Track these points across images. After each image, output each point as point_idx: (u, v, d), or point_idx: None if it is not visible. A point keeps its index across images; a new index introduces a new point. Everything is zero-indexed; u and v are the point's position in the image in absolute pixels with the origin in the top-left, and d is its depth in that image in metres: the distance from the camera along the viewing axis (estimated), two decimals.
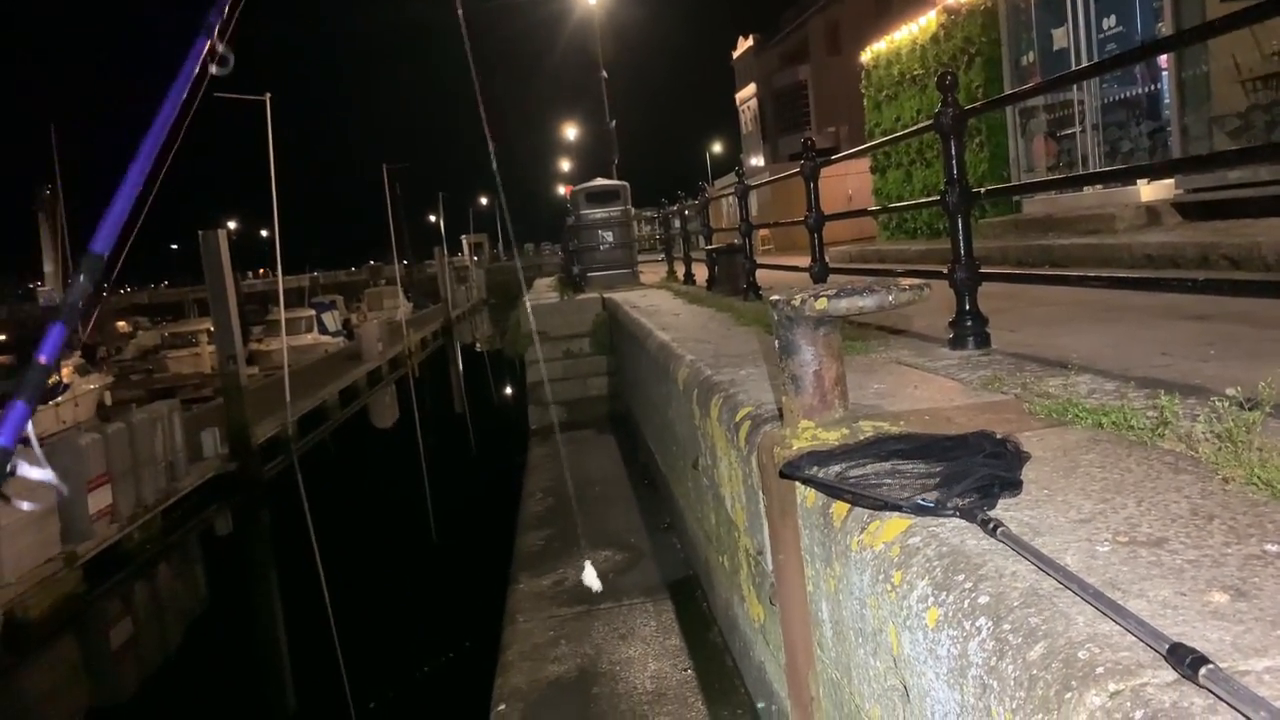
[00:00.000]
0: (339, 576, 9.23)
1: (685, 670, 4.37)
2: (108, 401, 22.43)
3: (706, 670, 4.32)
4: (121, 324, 47.58)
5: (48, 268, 37.23)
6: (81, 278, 1.45)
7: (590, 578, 3.57)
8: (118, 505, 11.26)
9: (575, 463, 9.48)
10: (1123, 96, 9.36)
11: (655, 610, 5.16)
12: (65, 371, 20.64)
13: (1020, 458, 2.16)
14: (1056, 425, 2.54)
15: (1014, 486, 2.03)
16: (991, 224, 10.43)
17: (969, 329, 4.05)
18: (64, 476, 9.94)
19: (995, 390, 3.09)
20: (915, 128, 5.02)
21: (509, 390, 22.50)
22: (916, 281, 2.79)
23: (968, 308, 4.07)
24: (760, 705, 3.71)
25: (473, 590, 7.82)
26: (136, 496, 11.84)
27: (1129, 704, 1.21)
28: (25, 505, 1.34)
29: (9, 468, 1.22)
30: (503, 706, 4.28)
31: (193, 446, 14.17)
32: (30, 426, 1.26)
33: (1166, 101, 8.56)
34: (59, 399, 19.75)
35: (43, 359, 1.33)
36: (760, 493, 3.11)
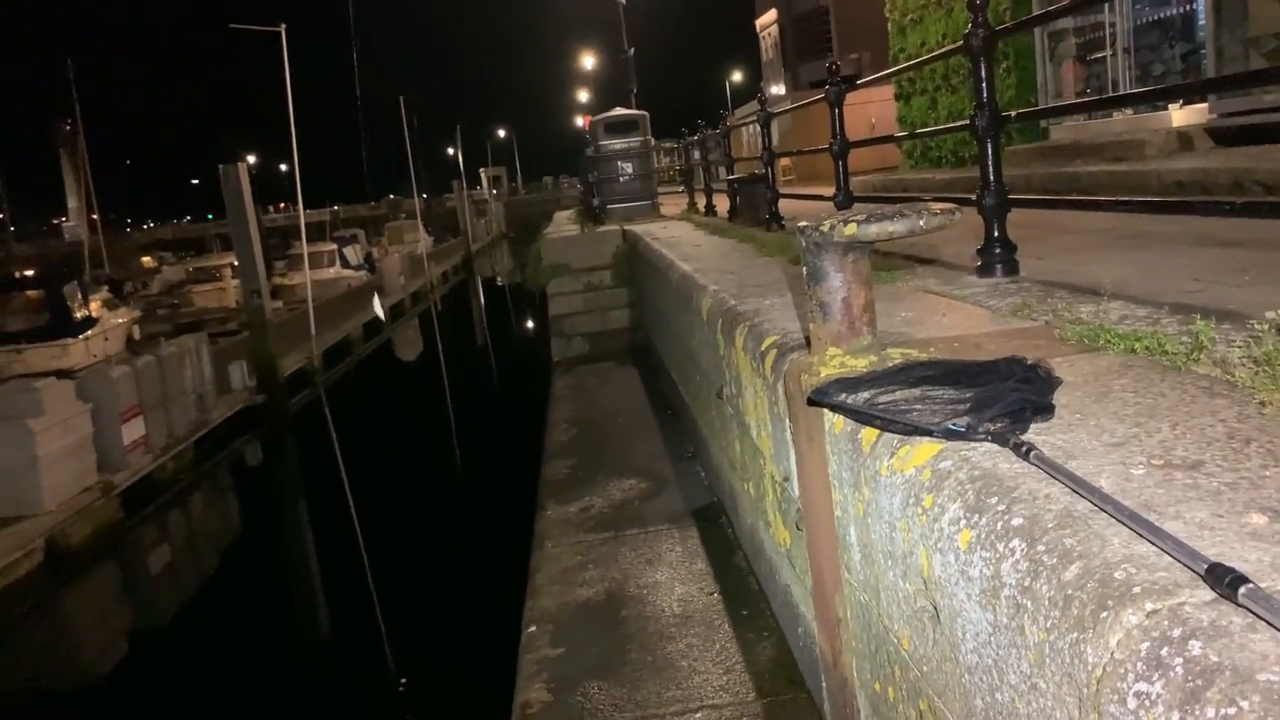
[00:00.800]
0: (367, 505, 9.42)
1: (711, 594, 4.45)
2: (136, 336, 22.67)
3: (732, 594, 4.40)
4: (146, 259, 47.88)
5: (71, 203, 37.37)
6: None
7: None
8: (150, 436, 11.48)
9: (598, 394, 9.55)
10: (1155, 18, 9.06)
11: (680, 536, 5.24)
12: (94, 306, 20.85)
13: (1052, 382, 2.15)
14: (1088, 351, 2.52)
15: (1046, 411, 2.03)
16: (1017, 151, 10.22)
17: (997, 256, 4.00)
18: (96, 409, 10.18)
19: (1024, 317, 3.07)
20: (944, 50, 4.90)
21: (530, 324, 22.57)
22: (948, 206, 2.75)
23: (996, 234, 4.02)
24: (787, 627, 3.78)
25: (500, 518, 7.96)
26: (168, 428, 12.06)
27: (1166, 623, 1.22)
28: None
29: None
30: (533, 628, 4.38)
31: (221, 379, 14.36)
32: None
33: (1201, 22, 8.28)
34: (89, 333, 20.00)
35: None
36: (787, 420, 3.12)
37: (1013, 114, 4.49)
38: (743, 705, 3.47)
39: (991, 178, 3.99)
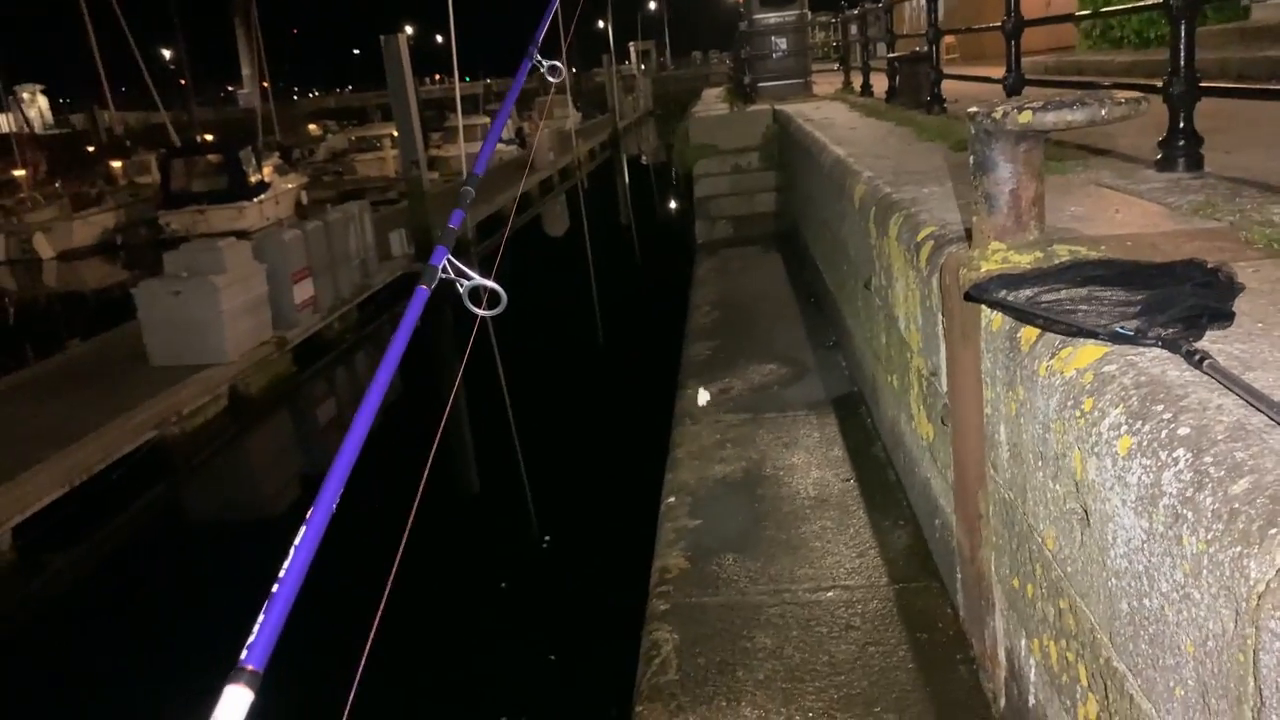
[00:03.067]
0: (517, 375, 9.83)
1: (847, 480, 4.51)
2: (304, 201, 23.89)
3: (869, 481, 4.45)
4: (312, 127, 49.89)
5: (245, 70, 39.03)
6: (469, 188, 2.10)
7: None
8: (319, 297, 12.25)
9: (741, 278, 9.52)
10: None
11: (819, 423, 5.28)
12: (266, 171, 22.01)
13: (1233, 288, 2.04)
14: (1277, 255, 2.36)
15: (1224, 318, 1.93)
16: (1212, 33, 9.19)
17: (1180, 149, 3.72)
18: (271, 269, 10.90)
19: (1207, 216, 2.88)
20: None
21: (674, 204, 22.45)
22: (1133, 94, 2.57)
23: (1181, 126, 3.72)
24: (923, 519, 3.82)
25: (642, 394, 8.19)
26: (335, 290, 12.83)
27: None
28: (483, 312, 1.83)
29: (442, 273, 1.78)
30: (672, 499, 4.58)
31: (382, 245, 15.06)
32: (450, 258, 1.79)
33: None
34: (262, 197, 21.22)
35: (453, 225, 1.95)
36: (940, 314, 3.07)
37: None
38: (874, 589, 3.56)
39: (1183, 62, 3.67)
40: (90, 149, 34.67)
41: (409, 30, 33.94)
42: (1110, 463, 1.74)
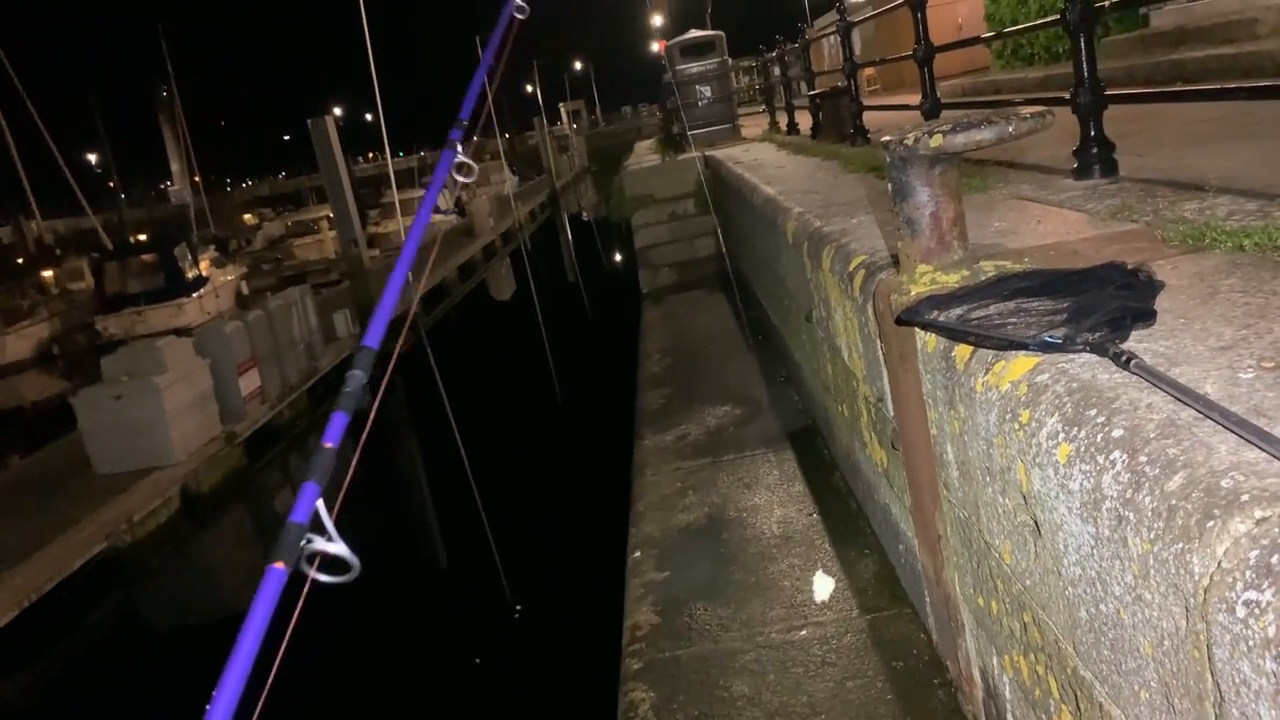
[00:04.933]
0: (474, 440, 9.73)
1: (811, 515, 4.49)
2: (244, 291, 23.62)
3: (832, 514, 4.43)
4: (248, 216, 49.56)
5: (174, 166, 38.70)
6: (358, 370, 1.65)
7: None
8: (266, 386, 12.04)
9: (688, 322, 9.57)
10: None
11: (777, 459, 5.27)
12: (203, 265, 21.75)
13: (1154, 287, 2.08)
14: (1193, 251, 2.42)
15: (1147, 317, 1.96)
16: (1116, 42, 9.58)
17: (1094, 156, 3.83)
18: (214, 363, 10.71)
19: (1124, 219, 2.95)
20: None
21: (618, 256, 22.61)
22: (1037, 109, 2.64)
23: (1092, 134, 3.84)
24: (888, 545, 3.80)
25: (600, 448, 8.13)
26: (281, 377, 12.63)
27: (1278, 530, 1.20)
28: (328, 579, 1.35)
29: (305, 542, 1.33)
30: (638, 554, 4.52)
31: (327, 328, 14.91)
32: (322, 506, 1.36)
33: None
34: (201, 291, 20.93)
35: (329, 444, 1.46)
36: (878, 340, 3.10)
37: (1106, 3, 4.23)
38: (846, 621, 3.53)
39: (1086, 74, 3.80)
40: (19, 260, 34.03)
41: (337, 111, 34.07)
42: (1052, 472, 1.74)
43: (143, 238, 28.65)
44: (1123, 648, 1.59)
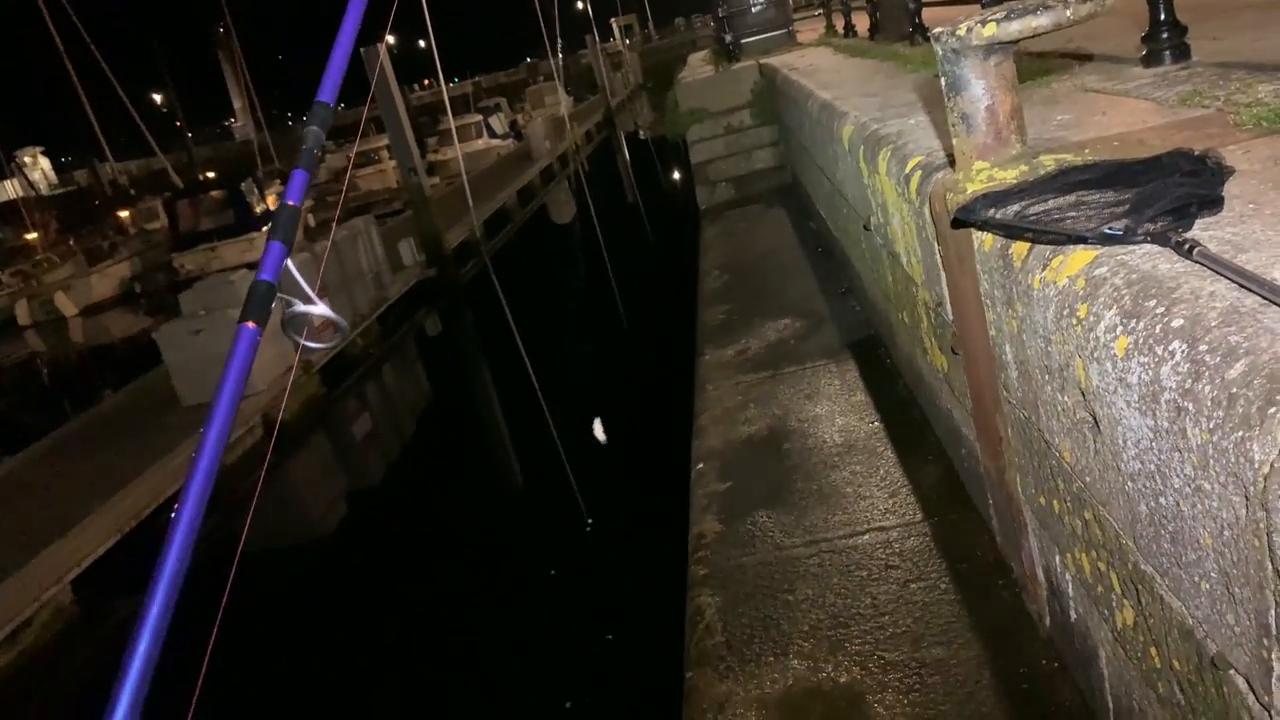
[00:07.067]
0: (542, 362, 9.88)
1: (873, 423, 4.48)
2: (311, 223, 23.99)
3: (894, 422, 4.42)
4: None
5: (236, 104, 39.18)
6: (315, 127, 1.51)
7: None
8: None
9: (747, 238, 9.46)
10: None
11: (839, 370, 5.25)
12: (270, 199, 22.14)
13: (1222, 173, 1.99)
14: (1267, 134, 2.30)
15: (1214, 204, 1.89)
16: None
17: (1164, 41, 3.62)
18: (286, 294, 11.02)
19: (1195, 105, 2.81)
20: None
21: (676, 174, 22.33)
22: None
23: (1163, 17, 3.62)
24: (951, 450, 3.79)
25: (663, 365, 8.20)
26: (352, 307, 12.92)
27: None
28: (316, 345, 1.42)
29: (287, 305, 1.34)
30: (701, 465, 4.58)
31: (393, 257, 15.12)
32: (293, 265, 1.34)
33: None
34: (268, 226, 21.33)
35: (291, 202, 1.42)
36: (935, 243, 3.04)
37: None
38: (910, 526, 3.55)
39: None
40: (97, 203, 35.07)
41: (390, 40, 33.87)
42: (1110, 365, 1.71)
43: (211, 176, 29.21)
44: (1182, 540, 1.58)
